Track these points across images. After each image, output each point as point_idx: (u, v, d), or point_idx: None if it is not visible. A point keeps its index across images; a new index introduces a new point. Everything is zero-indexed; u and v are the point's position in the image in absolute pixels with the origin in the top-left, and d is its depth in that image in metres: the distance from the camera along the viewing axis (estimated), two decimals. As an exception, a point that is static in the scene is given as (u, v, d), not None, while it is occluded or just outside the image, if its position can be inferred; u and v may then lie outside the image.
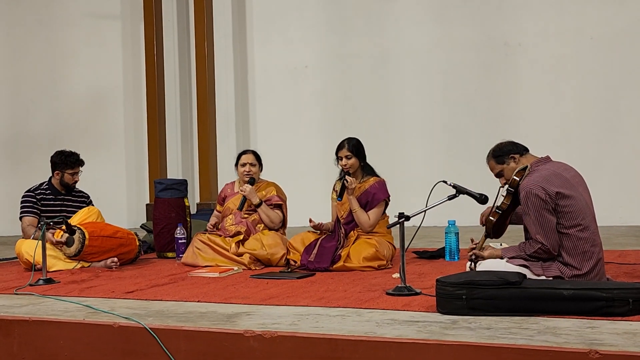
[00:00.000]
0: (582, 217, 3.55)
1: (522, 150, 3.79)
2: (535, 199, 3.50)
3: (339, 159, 4.99)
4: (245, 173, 5.34)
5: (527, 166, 3.65)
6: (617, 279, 3.90)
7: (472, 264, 3.72)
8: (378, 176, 5.04)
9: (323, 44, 9.01)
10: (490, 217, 3.71)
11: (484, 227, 3.77)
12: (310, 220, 5.01)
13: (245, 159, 5.39)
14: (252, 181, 5.32)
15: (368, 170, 5.04)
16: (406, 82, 8.64)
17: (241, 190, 5.26)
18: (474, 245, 3.78)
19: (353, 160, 4.94)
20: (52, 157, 5.57)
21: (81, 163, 5.59)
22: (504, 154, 3.77)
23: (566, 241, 3.53)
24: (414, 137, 8.61)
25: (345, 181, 4.84)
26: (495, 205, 3.71)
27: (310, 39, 9.04)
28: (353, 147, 4.94)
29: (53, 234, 5.03)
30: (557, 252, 3.54)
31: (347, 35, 8.92)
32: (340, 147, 4.98)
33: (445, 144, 8.51)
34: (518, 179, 3.61)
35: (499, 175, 3.80)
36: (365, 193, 4.95)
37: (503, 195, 3.69)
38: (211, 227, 5.43)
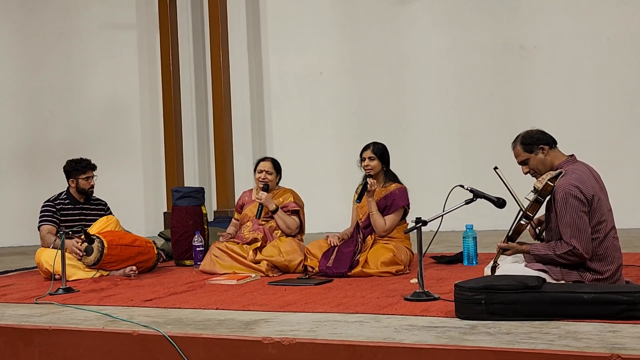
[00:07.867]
0: (606, 222, 3.49)
1: (552, 142, 3.67)
2: (574, 201, 3.42)
3: (362, 159, 5.03)
4: (261, 180, 5.37)
5: (561, 171, 3.55)
6: (638, 282, 3.85)
7: (494, 265, 3.66)
8: (401, 183, 5.06)
9: (338, 50, 9.01)
10: (522, 222, 3.63)
11: (511, 229, 3.68)
12: (328, 237, 5.02)
13: (262, 166, 5.42)
14: (266, 187, 5.34)
15: (391, 177, 5.08)
16: (422, 87, 8.62)
17: (257, 198, 5.29)
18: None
19: (375, 163, 4.97)
20: (64, 167, 5.63)
21: (92, 167, 5.61)
22: (533, 142, 3.64)
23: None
24: (430, 141, 8.58)
25: (366, 183, 4.86)
26: (523, 211, 3.61)
27: (325, 45, 9.05)
28: (377, 150, 5.00)
29: (78, 242, 5.06)
30: (589, 256, 3.44)
31: (362, 41, 8.91)
32: (365, 148, 5.04)
33: (462, 148, 8.48)
34: (553, 184, 3.51)
35: (523, 163, 3.69)
36: (386, 198, 4.97)
37: (528, 200, 3.61)
38: (224, 234, 5.44)
